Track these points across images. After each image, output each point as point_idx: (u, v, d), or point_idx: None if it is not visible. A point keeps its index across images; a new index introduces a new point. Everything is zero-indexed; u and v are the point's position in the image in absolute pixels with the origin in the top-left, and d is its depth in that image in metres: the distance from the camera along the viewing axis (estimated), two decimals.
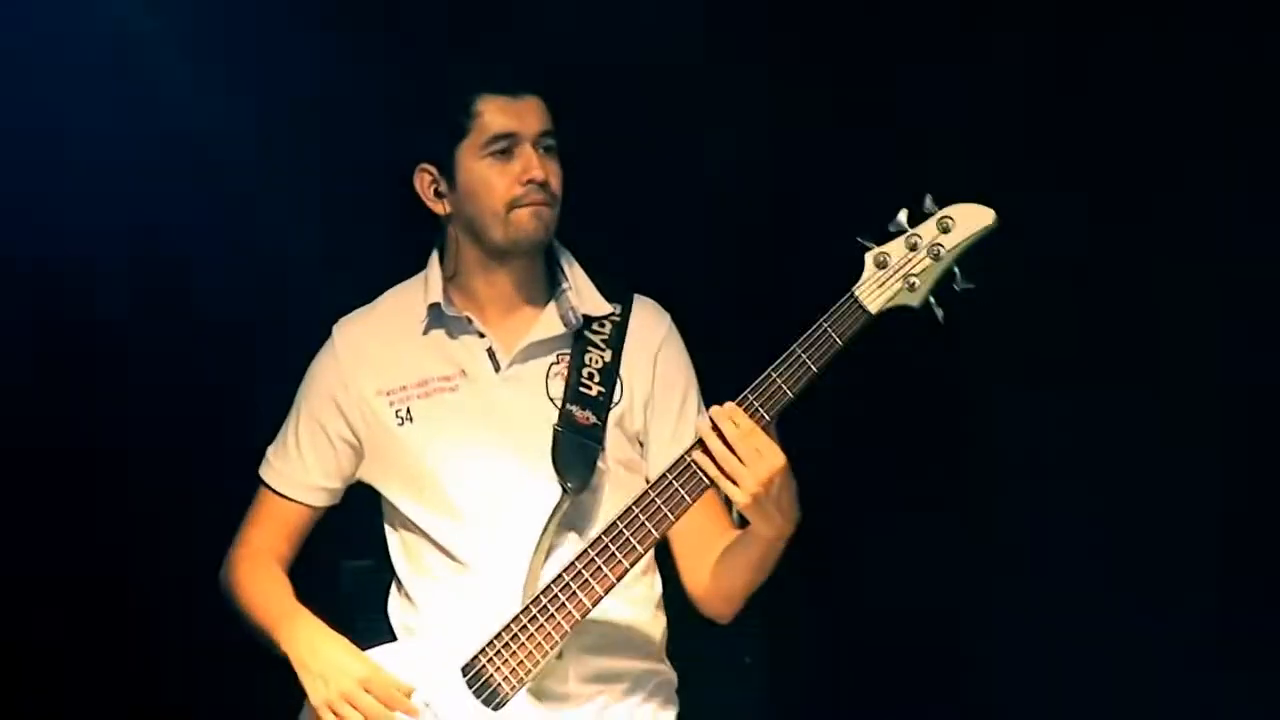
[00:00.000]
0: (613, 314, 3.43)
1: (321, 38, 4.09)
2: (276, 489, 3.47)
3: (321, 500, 3.47)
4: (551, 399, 3.37)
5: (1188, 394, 4.08)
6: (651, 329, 3.44)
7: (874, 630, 4.22)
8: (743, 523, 3.26)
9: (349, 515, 3.51)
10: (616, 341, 3.40)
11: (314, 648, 3.27)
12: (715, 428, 3.13)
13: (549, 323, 3.40)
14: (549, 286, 3.44)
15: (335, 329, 3.48)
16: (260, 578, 3.41)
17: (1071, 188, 4.08)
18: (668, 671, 3.45)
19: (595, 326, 3.40)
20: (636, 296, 3.48)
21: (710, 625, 3.42)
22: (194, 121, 4.11)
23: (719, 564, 3.33)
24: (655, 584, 3.45)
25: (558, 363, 3.39)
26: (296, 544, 3.48)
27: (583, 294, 3.42)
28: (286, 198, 4.14)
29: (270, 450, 3.50)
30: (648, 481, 3.33)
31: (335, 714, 3.22)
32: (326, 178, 4.14)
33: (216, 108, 4.11)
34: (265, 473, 3.50)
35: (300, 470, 3.46)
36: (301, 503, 3.47)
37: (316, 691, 3.24)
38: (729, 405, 3.15)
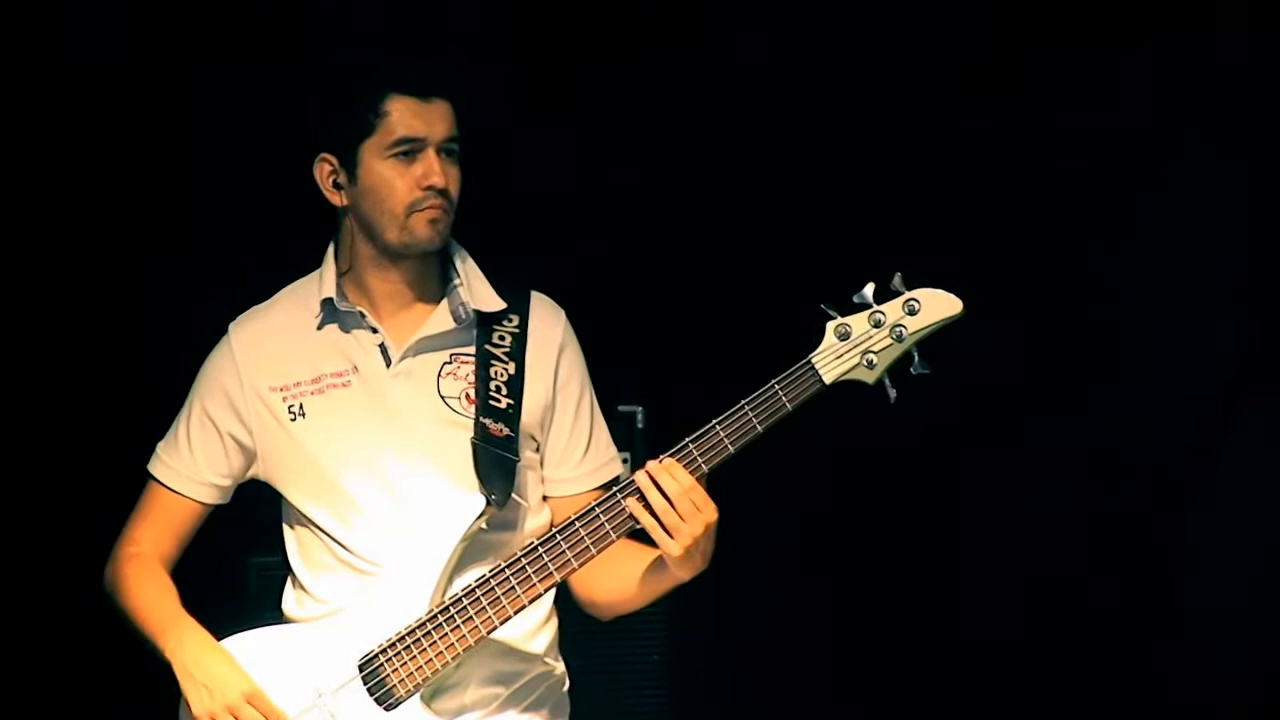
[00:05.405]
0: (510, 319, 3.40)
1: None
2: (166, 484, 3.42)
3: (210, 497, 3.42)
4: (443, 397, 3.36)
5: None
6: (549, 333, 3.42)
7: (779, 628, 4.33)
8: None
9: (257, 512, 3.47)
10: (518, 353, 3.39)
11: (198, 659, 3.24)
12: (654, 481, 3.12)
13: (440, 318, 3.38)
14: (442, 284, 3.41)
15: (231, 326, 3.44)
16: (145, 580, 3.36)
17: None
18: (559, 671, 3.46)
19: (496, 339, 3.38)
20: (533, 294, 3.46)
21: (615, 624, 3.45)
22: None
23: (620, 582, 3.34)
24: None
25: (451, 362, 3.38)
26: (183, 542, 3.43)
27: (474, 290, 3.40)
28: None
29: (160, 445, 3.45)
30: (542, 478, 3.39)
31: None
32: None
33: None
34: (155, 468, 3.44)
35: (190, 466, 3.41)
36: (190, 498, 3.41)
37: (200, 701, 3.22)
38: (669, 460, 3.14)
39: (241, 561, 3.86)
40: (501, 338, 3.39)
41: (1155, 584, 4.33)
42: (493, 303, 3.40)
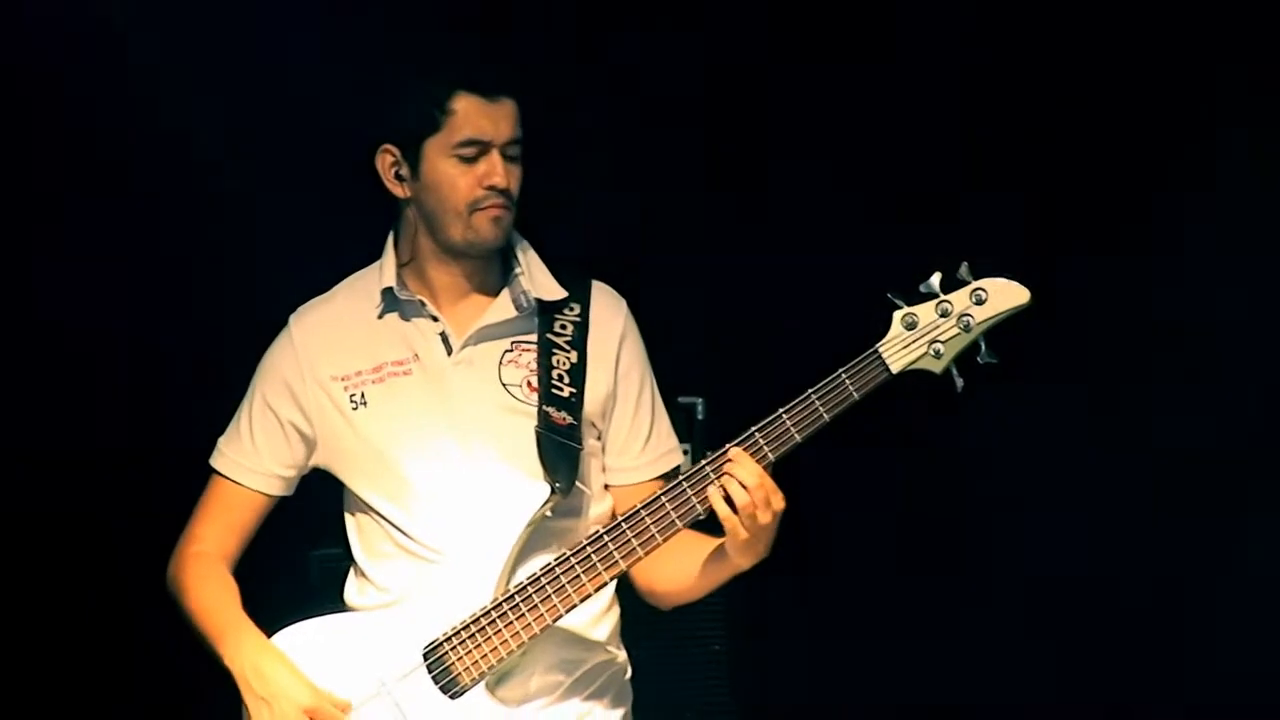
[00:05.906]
0: (571, 308, 3.41)
1: None
2: (230, 476, 3.42)
3: (273, 488, 3.43)
4: (504, 385, 3.36)
5: None
6: (611, 322, 3.43)
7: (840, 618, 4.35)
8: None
9: (318, 504, 3.48)
10: (580, 341, 3.39)
11: (259, 670, 3.24)
12: (729, 471, 3.13)
13: (501, 307, 3.39)
14: (503, 274, 3.42)
15: (292, 318, 3.44)
16: (207, 582, 3.36)
17: None
18: (620, 659, 3.47)
19: (558, 328, 3.39)
20: (594, 284, 3.46)
21: (677, 613, 3.47)
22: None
23: (681, 571, 3.34)
24: None
25: (512, 349, 3.39)
26: (246, 538, 3.43)
27: (535, 278, 3.41)
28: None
29: (222, 439, 3.45)
30: (604, 467, 3.40)
31: None
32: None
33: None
34: (217, 461, 3.44)
35: (253, 457, 3.41)
36: (254, 490, 3.42)
37: (261, 716, 3.23)
38: (737, 450, 3.15)
39: (303, 554, 3.86)
40: (563, 326, 3.40)
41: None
42: (554, 291, 3.41)
